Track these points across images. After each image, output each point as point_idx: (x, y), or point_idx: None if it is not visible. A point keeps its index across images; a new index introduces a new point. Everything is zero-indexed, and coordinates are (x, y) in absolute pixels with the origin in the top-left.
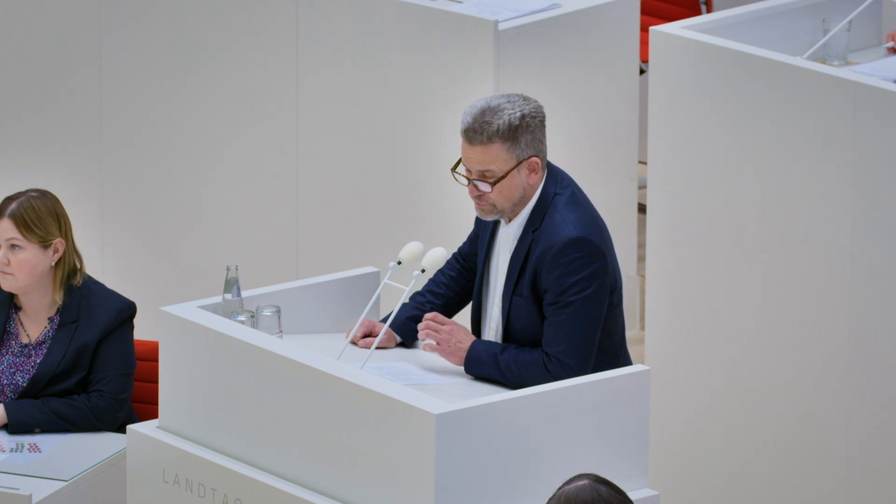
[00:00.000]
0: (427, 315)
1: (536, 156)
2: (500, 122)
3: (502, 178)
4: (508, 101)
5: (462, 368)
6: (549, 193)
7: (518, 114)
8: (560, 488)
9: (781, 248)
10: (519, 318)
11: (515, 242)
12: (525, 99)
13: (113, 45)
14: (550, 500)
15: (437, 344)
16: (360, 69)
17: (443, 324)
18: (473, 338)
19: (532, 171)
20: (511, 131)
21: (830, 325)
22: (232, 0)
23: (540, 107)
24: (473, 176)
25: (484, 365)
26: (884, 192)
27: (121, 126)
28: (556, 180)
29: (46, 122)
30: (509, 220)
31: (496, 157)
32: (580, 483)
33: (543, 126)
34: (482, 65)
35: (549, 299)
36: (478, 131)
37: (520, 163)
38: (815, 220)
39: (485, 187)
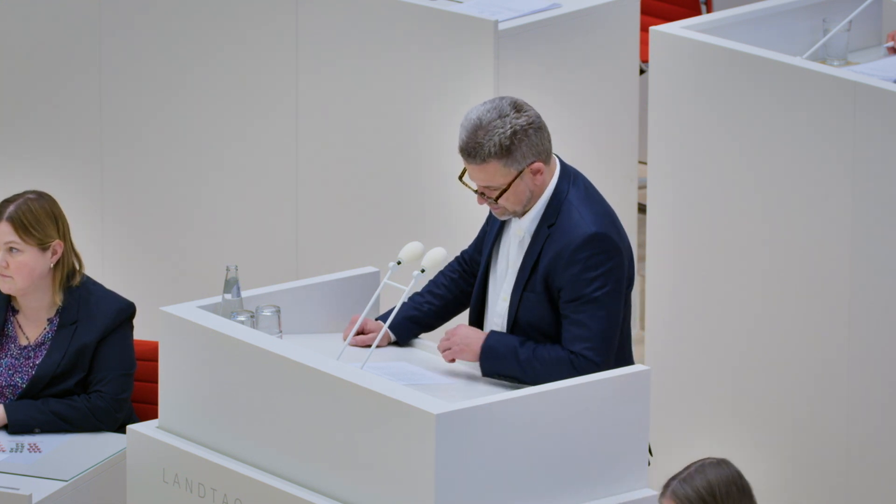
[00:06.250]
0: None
1: (538, 159)
2: (491, 142)
3: (505, 189)
4: (500, 117)
5: (465, 366)
6: (563, 188)
7: (509, 131)
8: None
9: (781, 248)
10: (528, 313)
11: (529, 238)
12: (517, 110)
13: (113, 46)
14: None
15: (450, 349)
16: (360, 69)
17: (450, 336)
18: (482, 331)
19: (536, 173)
20: (504, 149)
21: (830, 324)
22: (232, 0)
23: (534, 116)
24: (478, 188)
25: (501, 358)
26: (884, 192)
27: (121, 126)
28: (569, 176)
29: (46, 122)
30: (522, 215)
31: (494, 173)
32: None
33: (541, 130)
34: (482, 65)
35: (568, 296)
36: (471, 153)
37: (520, 172)
38: (815, 219)
39: (490, 199)
